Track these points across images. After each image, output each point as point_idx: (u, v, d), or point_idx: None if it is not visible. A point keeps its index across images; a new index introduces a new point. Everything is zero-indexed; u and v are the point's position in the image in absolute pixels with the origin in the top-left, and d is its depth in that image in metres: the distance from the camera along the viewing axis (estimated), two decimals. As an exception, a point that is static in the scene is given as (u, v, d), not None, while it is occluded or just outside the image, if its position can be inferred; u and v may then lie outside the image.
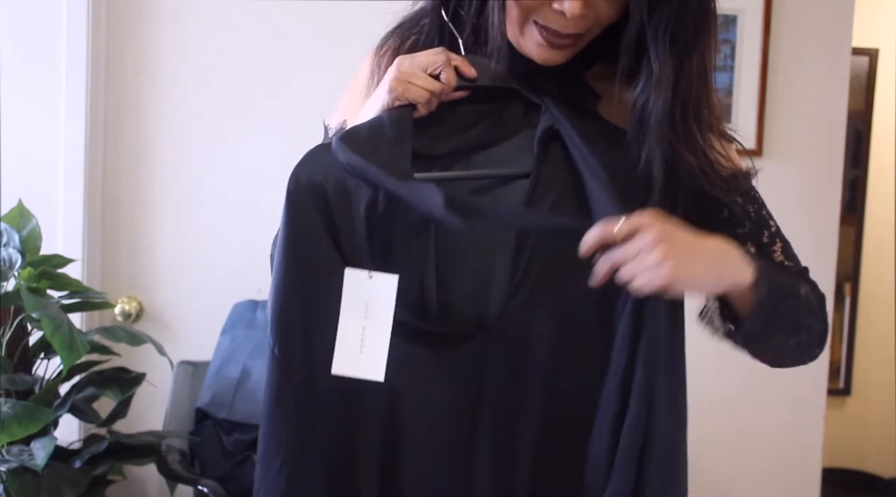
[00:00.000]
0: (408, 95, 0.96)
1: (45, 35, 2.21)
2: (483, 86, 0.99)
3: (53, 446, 1.67)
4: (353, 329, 0.93)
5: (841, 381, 3.48)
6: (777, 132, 2.32)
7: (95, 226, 2.25)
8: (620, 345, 0.93)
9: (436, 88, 0.96)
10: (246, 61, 2.27)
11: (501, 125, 1.01)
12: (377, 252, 0.94)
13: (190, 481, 1.86)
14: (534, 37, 0.98)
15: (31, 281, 1.79)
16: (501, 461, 0.96)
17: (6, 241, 1.86)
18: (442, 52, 0.97)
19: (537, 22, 0.97)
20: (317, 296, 0.94)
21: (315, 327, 0.94)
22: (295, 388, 0.94)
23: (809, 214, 2.34)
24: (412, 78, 0.95)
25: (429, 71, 0.96)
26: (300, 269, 0.95)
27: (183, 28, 2.26)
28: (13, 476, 1.67)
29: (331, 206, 0.95)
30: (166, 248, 2.29)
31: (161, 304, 2.30)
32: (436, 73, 0.97)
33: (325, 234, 0.95)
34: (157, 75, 2.27)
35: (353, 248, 0.95)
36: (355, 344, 0.92)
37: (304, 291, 0.95)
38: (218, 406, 1.97)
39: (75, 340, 1.67)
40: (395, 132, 0.94)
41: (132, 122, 2.27)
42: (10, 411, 1.65)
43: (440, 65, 0.96)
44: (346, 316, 0.93)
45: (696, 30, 0.95)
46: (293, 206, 0.96)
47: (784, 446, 2.38)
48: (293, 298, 0.94)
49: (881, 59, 3.40)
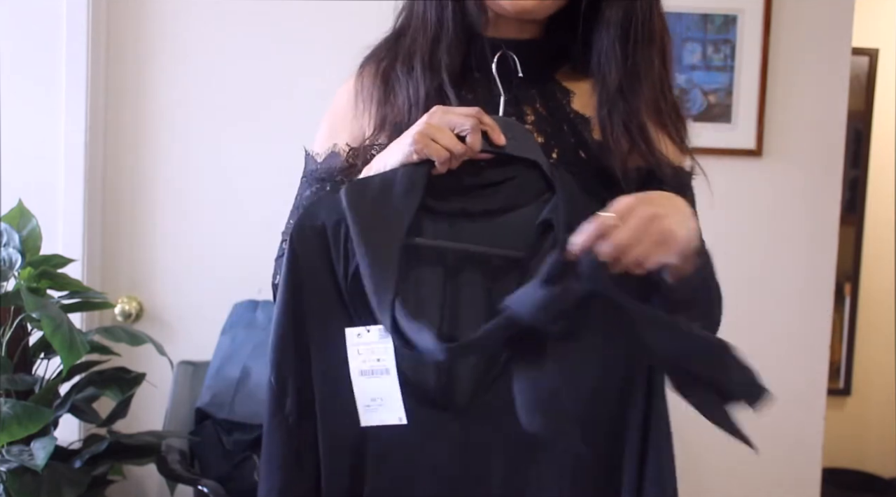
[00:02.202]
0: (427, 152, 0.95)
1: (45, 35, 2.21)
2: (507, 154, 0.98)
3: (53, 446, 1.67)
4: (364, 384, 0.97)
5: (841, 381, 3.48)
6: (777, 132, 2.32)
7: (95, 226, 2.25)
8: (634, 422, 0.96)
9: (457, 150, 0.95)
10: (246, 61, 2.27)
11: (515, 193, 1.00)
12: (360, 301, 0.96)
13: (190, 481, 1.86)
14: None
15: (31, 281, 1.79)
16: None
17: (6, 240, 1.86)
18: (475, 115, 0.97)
19: None
20: (311, 337, 0.98)
21: (307, 365, 0.98)
22: (288, 429, 0.98)
23: (809, 214, 2.34)
24: (437, 135, 0.95)
25: (456, 130, 0.96)
26: (296, 310, 0.98)
27: (183, 28, 2.26)
28: (13, 476, 1.67)
29: (329, 248, 0.97)
30: (166, 248, 2.29)
31: (161, 304, 2.30)
32: (462, 134, 0.96)
33: (323, 275, 0.98)
34: (157, 75, 2.27)
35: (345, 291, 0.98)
36: (371, 397, 0.97)
37: (297, 332, 0.98)
38: (218, 406, 1.97)
39: (75, 340, 1.67)
40: (406, 187, 0.96)
41: (132, 122, 2.27)
42: (10, 411, 1.65)
43: (468, 128, 0.95)
44: (355, 373, 0.96)
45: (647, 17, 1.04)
46: (293, 247, 0.99)
47: (784, 446, 2.38)
48: (287, 339, 0.98)
49: (881, 59, 3.40)
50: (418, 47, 1.08)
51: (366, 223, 0.94)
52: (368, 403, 0.96)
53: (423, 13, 1.08)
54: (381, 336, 0.94)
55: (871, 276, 3.47)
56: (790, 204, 2.35)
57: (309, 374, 0.98)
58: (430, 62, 1.06)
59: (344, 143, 1.11)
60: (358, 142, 1.10)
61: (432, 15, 1.07)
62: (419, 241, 0.97)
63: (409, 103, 1.07)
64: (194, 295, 2.29)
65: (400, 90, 1.08)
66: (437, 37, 1.07)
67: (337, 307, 0.97)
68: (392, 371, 0.95)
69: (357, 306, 0.96)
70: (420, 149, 0.95)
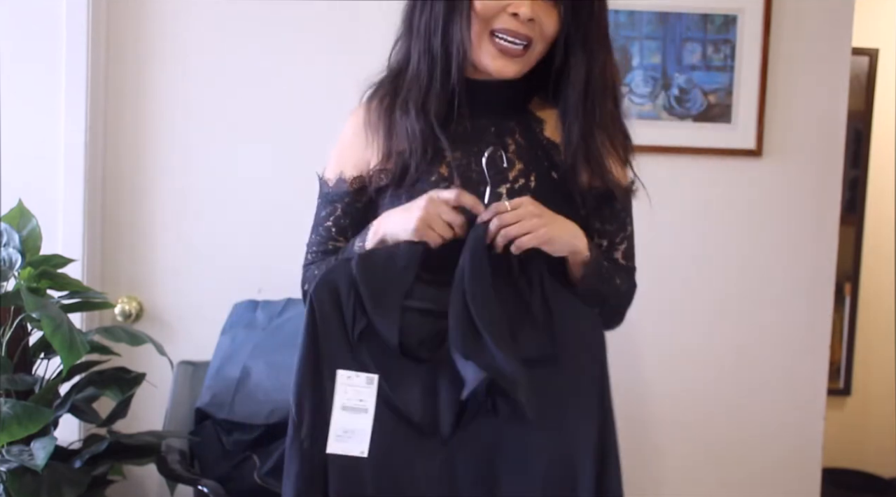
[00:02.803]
0: (426, 237, 1.25)
1: (45, 35, 2.20)
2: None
3: (53, 446, 1.67)
4: (342, 417, 1.22)
5: (841, 382, 3.48)
6: (777, 132, 2.31)
7: (95, 226, 2.25)
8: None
9: (448, 236, 1.26)
10: (246, 61, 2.27)
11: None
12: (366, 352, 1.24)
13: (190, 481, 1.86)
14: (490, 50, 1.29)
15: (31, 281, 1.79)
16: None
17: (6, 240, 1.86)
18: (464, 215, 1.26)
19: (494, 32, 1.28)
20: (324, 375, 1.23)
21: (320, 399, 1.23)
22: (302, 451, 1.22)
23: (809, 214, 2.34)
24: (433, 224, 1.24)
25: (448, 220, 1.25)
26: (314, 354, 1.23)
27: (183, 28, 2.26)
28: (13, 476, 1.67)
29: (342, 306, 1.24)
30: (166, 247, 2.29)
31: (161, 304, 2.30)
32: (455, 225, 1.25)
33: (335, 327, 1.24)
34: (157, 75, 2.27)
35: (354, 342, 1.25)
36: (344, 429, 1.22)
37: (316, 374, 1.23)
38: (218, 406, 1.96)
39: (75, 340, 1.67)
40: (406, 263, 1.25)
41: (132, 122, 2.27)
42: (10, 411, 1.65)
43: (458, 225, 1.26)
44: (337, 406, 1.21)
45: (600, 38, 1.33)
46: (312, 304, 1.24)
47: (784, 446, 2.38)
48: (307, 378, 1.23)
49: (881, 58, 3.40)
50: (412, 96, 1.33)
51: (374, 290, 1.23)
52: (340, 434, 1.21)
53: (417, 65, 1.33)
54: (368, 382, 1.22)
55: (872, 276, 3.47)
56: (790, 204, 2.35)
57: (322, 407, 1.22)
58: (422, 107, 1.32)
59: (350, 172, 1.38)
60: (364, 168, 1.38)
61: (424, 68, 1.32)
62: (413, 303, 1.25)
63: (408, 138, 1.32)
64: (194, 295, 2.29)
65: (400, 126, 1.34)
66: (428, 88, 1.32)
67: (346, 353, 1.23)
68: (370, 411, 1.21)
69: (358, 356, 1.23)
70: (420, 235, 1.25)
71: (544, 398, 1.22)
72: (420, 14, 1.32)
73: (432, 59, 1.31)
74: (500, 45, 1.28)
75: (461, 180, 1.31)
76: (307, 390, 1.22)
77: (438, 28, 1.30)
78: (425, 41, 1.31)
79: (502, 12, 1.27)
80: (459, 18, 1.28)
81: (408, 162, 1.32)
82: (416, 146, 1.31)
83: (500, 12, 1.27)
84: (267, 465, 1.87)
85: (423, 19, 1.31)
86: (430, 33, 1.30)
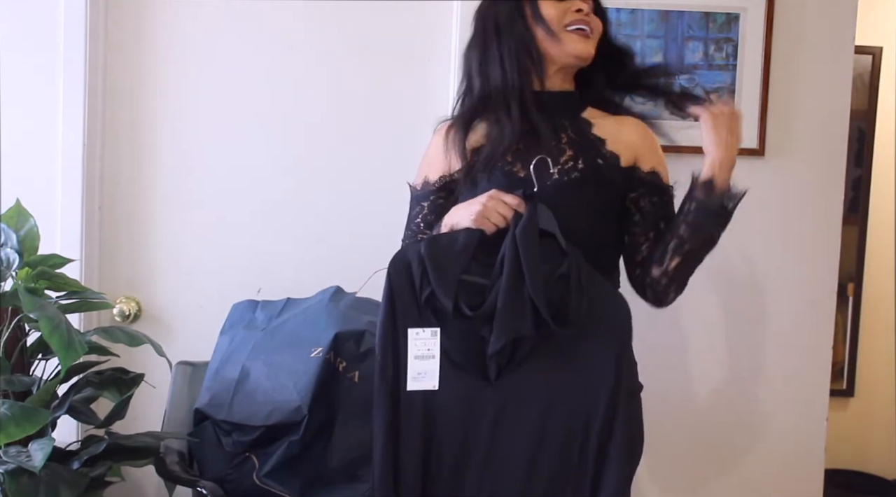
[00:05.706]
0: (482, 226, 1.55)
1: (43, 35, 2.20)
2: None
3: (51, 447, 1.66)
4: (416, 364, 1.56)
5: (844, 382, 3.47)
6: (779, 131, 2.31)
7: (93, 226, 2.25)
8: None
9: (501, 226, 1.55)
10: (246, 61, 2.26)
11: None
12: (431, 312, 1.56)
13: (189, 482, 1.85)
14: (572, 37, 1.65)
15: (29, 281, 1.79)
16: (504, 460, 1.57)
17: (4, 240, 1.86)
18: (517, 206, 1.56)
19: (567, 27, 1.65)
20: (400, 332, 1.56)
21: (398, 349, 1.56)
22: (388, 388, 1.55)
23: (812, 214, 2.33)
24: (490, 215, 1.55)
25: (502, 213, 1.55)
26: (392, 314, 1.56)
27: (182, 28, 2.25)
28: (11, 477, 1.66)
29: (413, 277, 1.55)
30: (165, 248, 2.29)
31: (160, 304, 2.30)
32: (507, 216, 1.55)
33: (407, 294, 1.55)
34: (156, 75, 2.26)
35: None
36: (418, 372, 1.57)
37: (395, 329, 1.56)
38: (217, 407, 1.95)
39: (73, 341, 1.66)
40: (463, 246, 1.55)
41: (130, 122, 2.27)
42: (7, 412, 1.64)
43: (510, 218, 1.55)
44: (411, 356, 1.56)
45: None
46: (390, 275, 1.56)
47: (787, 447, 2.37)
48: (388, 333, 1.56)
49: (884, 57, 3.39)
50: (500, 107, 1.65)
51: (436, 265, 1.53)
52: (415, 376, 1.55)
53: (502, 82, 1.65)
54: (433, 334, 1.55)
55: (874, 277, 3.46)
56: (792, 204, 2.34)
57: (398, 355, 1.55)
58: (507, 117, 1.64)
59: (433, 176, 1.73)
60: (445, 171, 1.72)
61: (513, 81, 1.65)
62: (466, 277, 1.54)
63: (494, 138, 1.66)
64: (193, 295, 2.29)
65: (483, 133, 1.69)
66: (508, 103, 1.64)
67: (415, 313, 1.55)
68: (436, 357, 1.55)
69: (425, 316, 1.55)
70: (478, 223, 1.56)
71: (568, 357, 1.53)
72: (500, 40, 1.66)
73: (518, 74, 1.64)
74: (576, 31, 1.65)
75: (510, 181, 1.62)
76: (389, 343, 1.55)
77: (522, 51, 1.65)
78: (512, 60, 1.64)
79: (568, 11, 1.65)
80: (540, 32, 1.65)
81: (487, 156, 1.64)
82: (499, 144, 1.63)
83: (567, 11, 1.65)
84: (266, 466, 1.86)
85: (506, 44, 1.65)
86: (518, 53, 1.64)
